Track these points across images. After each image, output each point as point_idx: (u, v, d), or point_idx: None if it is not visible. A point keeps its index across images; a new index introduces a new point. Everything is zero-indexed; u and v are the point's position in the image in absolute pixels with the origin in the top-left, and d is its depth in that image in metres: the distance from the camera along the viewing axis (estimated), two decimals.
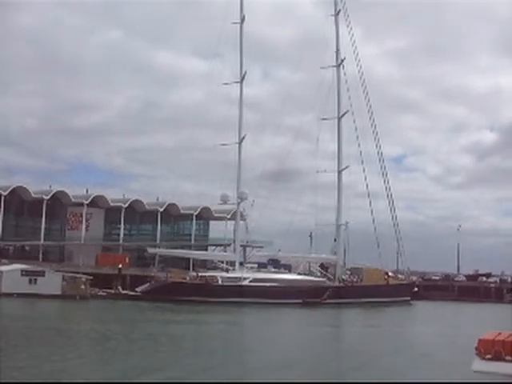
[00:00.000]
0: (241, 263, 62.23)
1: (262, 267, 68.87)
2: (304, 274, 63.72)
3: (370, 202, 64.14)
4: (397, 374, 20.71)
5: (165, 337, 30.65)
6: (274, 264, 70.76)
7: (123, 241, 73.90)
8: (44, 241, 69.30)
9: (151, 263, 67.81)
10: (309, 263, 68.20)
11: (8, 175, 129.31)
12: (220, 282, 56.79)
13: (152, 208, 75.75)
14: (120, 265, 59.42)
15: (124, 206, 73.52)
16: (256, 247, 70.07)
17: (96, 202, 73.47)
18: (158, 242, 72.88)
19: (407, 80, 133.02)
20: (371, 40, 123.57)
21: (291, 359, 24.38)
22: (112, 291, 53.55)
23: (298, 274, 63.08)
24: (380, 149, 65.05)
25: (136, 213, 77.34)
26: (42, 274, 49.14)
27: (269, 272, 62.89)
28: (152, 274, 57.68)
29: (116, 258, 64.83)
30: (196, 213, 77.59)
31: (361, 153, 63.81)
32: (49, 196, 70.49)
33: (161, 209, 75.17)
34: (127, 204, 74.06)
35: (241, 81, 62.42)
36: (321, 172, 64.14)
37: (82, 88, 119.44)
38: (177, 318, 40.98)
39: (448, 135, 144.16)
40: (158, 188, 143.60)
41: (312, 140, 66.96)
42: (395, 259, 68.43)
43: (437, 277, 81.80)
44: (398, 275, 67.42)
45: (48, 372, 19.05)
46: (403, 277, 66.76)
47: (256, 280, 56.93)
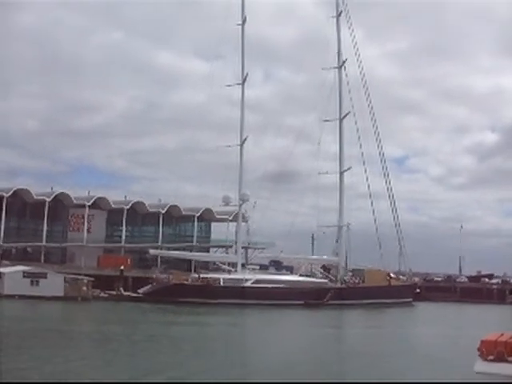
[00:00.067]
0: (242, 265, 62.24)
1: (264, 269, 69.05)
2: (306, 276, 63.62)
3: (372, 203, 64.23)
4: (398, 375, 20.71)
5: (167, 338, 30.68)
6: (276, 265, 70.82)
7: (125, 242, 73.83)
8: (46, 242, 69.20)
9: (153, 265, 67.88)
10: (311, 264, 68.06)
11: (10, 177, 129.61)
12: (222, 284, 56.74)
13: (154, 210, 75.68)
14: (122, 266, 59.45)
15: (126, 208, 73.55)
16: (258, 249, 69.96)
17: (98, 204, 73.45)
18: (160, 244, 72.84)
19: (409, 81, 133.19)
20: (373, 41, 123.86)
21: (293, 361, 24.32)
22: (114, 293, 53.56)
23: (300, 276, 63.02)
24: (382, 150, 65.23)
25: (138, 214, 77.35)
26: (44, 276, 49.12)
27: (271, 273, 62.88)
28: (154, 276, 57.59)
29: (118, 260, 64.87)
30: (198, 214, 77.56)
31: (362, 154, 64.06)
32: (51, 198, 70.46)
33: (163, 210, 75.13)
34: (129, 206, 74.07)
35: (242, 82, 62.46)
36: (322, 173, 64.29)
37: (84, 89, 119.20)
38: (178, 320, 40.98)
39: (450, 136, 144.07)
40: (160, 190, 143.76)
41: (314, 141, 67.02)
42: (397, 260, 68.26)
43: (439, 278, 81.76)
44: (400, 276, 67.33)
45: (50, 373, 19.05)
46: (405, 278, 66.67)
47: (258, 281, 56.88)
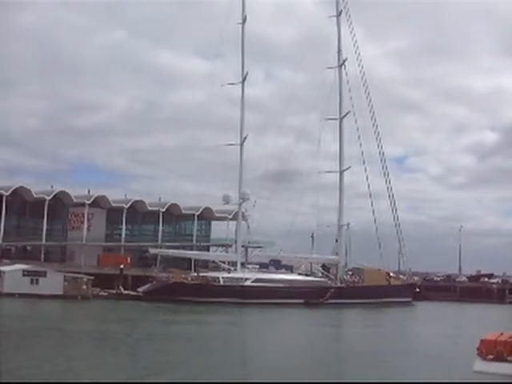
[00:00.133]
0: (242, 264, 62.20)
1: (264, 267, 69.09)
2: (306, 275, 63.66)
3: (372, 203, 64.06)
4: (397, 374, 20.72)
5: (166, 337, 30.68)
6: (276, 264, 70.87)
7: (125, 241, 73.94)
8: (46, 241, 69.32)
9: (153, 263, 67.86)
10: (310, 264, 68.06)
11: (10, 175, 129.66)
12: (222, 283, 56.74)
13: (154, 208, 75.75)
14: (122, 265, 59.48)
15: (126, 207, 73.64)
16: (258, 247, 69.95)
17: (98, 203, 73.50)
18: (160, 243, 72.91)
19: (409, 80, 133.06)
20: (373, 40, 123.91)
21: (292, 360, 24.33)
22: (114, 291, 53.57)
23: (300, 275, 63.10)
24: (382, 149, 65.06)
25: (138, 213, 77.41)
26: (44, 275, 49.12)
27: (270, 272, 62.84)
28: (153, 275, 57.62)
29: (118, 259, 64.94)
30: (198, 213, 77.65)
31: (362, 153, 63.94)
32: (50, 196, 70.54)
33: (162, 209, 75.22)
34: (129, 204, 74.15)
35: (242, 81, 62.41)
36: (322, 173, 64.26)
37: (84, 88, 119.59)
38: (178, 319, 40.97)
39: (450, 135, 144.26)
40: (160, 188, 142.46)
41: (314, 140, 66.88)
42: (397, 260, 68.32)
43: (438, 277, 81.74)
44: (400, 276, 67.36)
45: (49, 372, 19.04)
46: (405, 277, 66.68)
47: (257, 280, 56.90)
